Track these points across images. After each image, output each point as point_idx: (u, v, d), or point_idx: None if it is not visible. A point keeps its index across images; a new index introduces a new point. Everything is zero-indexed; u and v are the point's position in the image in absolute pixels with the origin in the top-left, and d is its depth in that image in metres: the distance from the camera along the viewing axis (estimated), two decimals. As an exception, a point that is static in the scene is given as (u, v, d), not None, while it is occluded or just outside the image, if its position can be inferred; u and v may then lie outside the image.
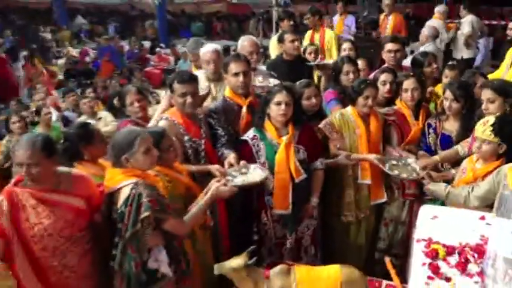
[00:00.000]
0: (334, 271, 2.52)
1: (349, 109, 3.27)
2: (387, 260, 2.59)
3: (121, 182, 2.33)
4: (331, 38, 5.79)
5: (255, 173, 2.74)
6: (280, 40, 4.58)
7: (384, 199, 3.31)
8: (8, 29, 12.97)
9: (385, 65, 4.10)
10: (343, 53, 4.30)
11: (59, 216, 2.28)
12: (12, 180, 2.35)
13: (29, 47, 11.80)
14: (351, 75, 3.65)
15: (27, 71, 9.94)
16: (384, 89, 3.45)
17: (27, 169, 2.18)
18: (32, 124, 5.41)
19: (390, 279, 2.56)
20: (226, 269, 2.49)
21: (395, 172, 3.00)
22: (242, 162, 2.82)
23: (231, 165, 2.83)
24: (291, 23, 5.62)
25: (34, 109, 6.02)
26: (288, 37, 4.45)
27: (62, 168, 2.41)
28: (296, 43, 4.47)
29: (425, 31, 5.69)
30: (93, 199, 2.44)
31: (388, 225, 3.45)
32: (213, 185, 2.52)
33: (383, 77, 3.50)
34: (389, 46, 4.08)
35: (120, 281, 2.38)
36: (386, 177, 3.27)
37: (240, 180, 2.66)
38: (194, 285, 2.77)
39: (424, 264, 1.94)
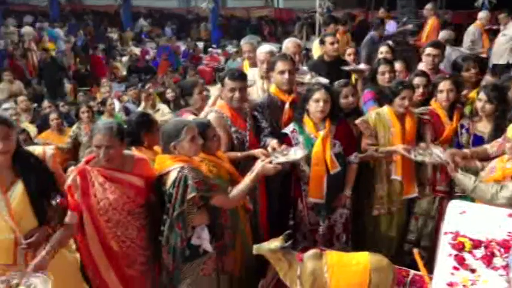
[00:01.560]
0: (363, 258, 2.49)
1: (385, 108, 3.22)
2: (415, 251, 2.55)
3: (169, 167, 2.42)
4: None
5: (296, 153, 2.74)
6: (322, 42, 4.56)
7: (415, 194, 3.24)
8: (82, 29, 13.56)
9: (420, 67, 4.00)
10: (380, 56, 4.22)
11: (122, 192, 2.39)
12: (83, 160, 2.50)
13: (97, 46, 12.34)
14: (387, 75, 3.60)
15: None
16: (417, 92, 3.37)
17: (105, 150, 2.31)
18: (98, 113, 5.68)
19: (418, 269, 2.52)
20: (264, 250, 2.52)
21: (419, 158, 2.92)
22: (283, 146, 2.83)
23: (274, 149, 2.85)
24: (337, 28, 5.60)
25: (100, 100, 6.31)
26: (329, 39, 4.44)
27: (126, 151, 2.52)
28: (336, 45, 4.45)
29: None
30: (150, 180, 2.53)
31: (418, 219, 3.37)
32: (259, 164, 2.55)
33: (416, 80, 3.43)
34: (429, 50, 3.97)
35: (166, 254, 2.47)
36: (418, 174, 3.20)
37: (282, 159, 2.67)
38: (235, 261, 2.84)
39: (450, 255, 1.90)
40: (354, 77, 4.51)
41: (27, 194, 2.19)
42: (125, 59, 12.63)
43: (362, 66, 4.32)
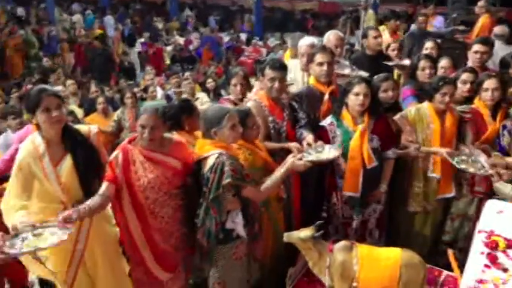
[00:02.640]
0: (394, 253, 2.49)
1: (425, 104, 3.17)
2: (450, 252, 2.53)
3: (208, 152, 2.49)
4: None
5: (329, 152, 2.75)
6: (364, 36, 4.52)
7: (452, 194, 3.18)
8: (128, 18, 13.98)
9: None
10: (425, 52, 4.13)
11: (160, 172, 2.50)
12: (126, 139, 2.63)
13: (144, 35, 12.69)
14: (427, 71, 3.54)
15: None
16: (463, 88, 3.29)
17: (149, 130, 2.43)
18: (141, 100, 5.90)
19: (451, 271, 2.49)
20: (294, 238, 2.57)
21: (463, 166, 2.87)
22: (319, 142, 2.84)
23: (309, 144, 2.88)
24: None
25: (143, 87, 6.54)
26: (372, 33, 4.39)
27: (166, 134, 2.63)
28: (379, 39, 4.39)
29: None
30: (188, 163, 2.62)
31: (455, 220, 3.31)
32: (289, 159, 2.59)
33: (464, 76, 3.33)
34: (476, 47, 3.85)
35: (201, 236, 2.56)
36: (457, 173, 3.13)
37: (314, 156, 2.69)
38: (265, 249, 2.90)
39: (482, 253, 1.88)
40: (396, 72, 4.45)
41: (74, 168, 2.38)
42: (169, 48, 12.93)
43: (405, 61, 4.24)
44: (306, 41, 3.78)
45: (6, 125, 4.21)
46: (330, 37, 3.95)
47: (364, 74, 3.53)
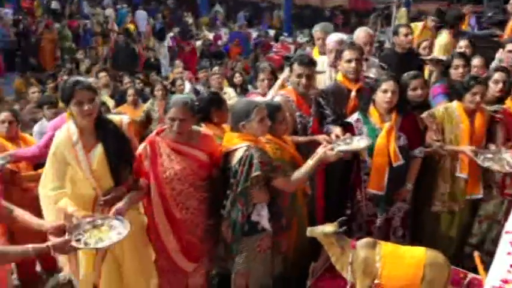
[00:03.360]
0: (418, 252, 2.47)
1: (454, 103, 3.12)
2: (476, 254, 2.48)
3: (236, 145, 2.53)
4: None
5: (359, 142, 2.74)
6: (395, 33, 4.46)
7: (480, 195, 3.11)
8: (159, 13, 14.21)
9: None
10: (459, 50, 4.05)
11: (187, 164, 2.55)
12: (154, 131, 2.70)
13: (174, 29, 12.86)
14: (460, 70, 3.47)
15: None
16: (495, 88, 3.22)
17: (178, 123, 2.48)
18: (170, 93, 6.00)
19: (477, 274, 2.45)
20: (318, 233, 2.57)
21: (487, 164, 2.81)
22: (347, 134, 2.83)
23: (337, 136, 2.87)
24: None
25: (171, 81, 6.66)
26: (402, 31, 4.32)
27: (194, 127, 2.68)
28: (409, 37, 4.32)
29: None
30: (214, 155, 2.67)
31: (482, 223, 3.24)
32: (321, 149, 2.58)
33: (496, 75, 3.25)
34: (510, 46, 3.75)
35: (226, 227, 2.61)
36: (485, 175, 3.07)
37: (345, 147, 2.68)
38: (289, 242, 2.93)
39: (509, 253, 1.85)
40: (427, 69, 4.38)
41: (105, 156, 2.45)
42: (198, 43, 13.08)
43: (441, 56, 4.17)
44: (334, 37, 3.77)
45: (42, 114, 4.38)
46: (360, 34, 3.92)
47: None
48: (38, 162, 3.31)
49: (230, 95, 5.74)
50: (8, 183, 3.20)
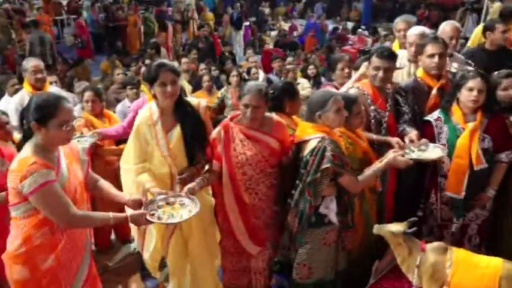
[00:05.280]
0: (495, 263, 2.32)
1: (552, 106, 2.84)
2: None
3: (310, 135, 2.52)
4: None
5: (433, 151, 2.63)
6: (490, 29, 4.12)
7: None
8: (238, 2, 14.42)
9: None
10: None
11: (258, 151, 2.59)
12: (229, 116, 2.76)
13: (250, 19, 13.00)
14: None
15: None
16: None
17: (252, 109, 2.52)
18: (244, 80, 6.10)
19: None
20: (385, 231, 2.51)
21: None
22: (423, 140, 2.72)
23: (412, 141, 2.76)
24: None
25: (246, 69, 6.76)
26: (500, 27, 3.99)
27: (266, 113, 2.69)
28: (506, 34, 3.99)
29: None
30: (285, 144, 2.68)
31: None
32: (390, 154, 2.52)
33: None
34: None
35: (293, 217, 2.62)
36: None
37: (416, 154, 2.59)
38: (354, 239, 2.87)
39: None
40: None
41: (182, 138, 2.56)
42: (273, 33, 13.12)
43: None
44: (416, 30, 3.58)
45: (125, 94, 4.67)
46: (446, 28, 3.69)
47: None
48: (120, 139, 3.56)
49: (303, 86, 5.72)
50: (93, 155, 3.48)
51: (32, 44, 9.25)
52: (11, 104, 3.81)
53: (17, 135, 3.02)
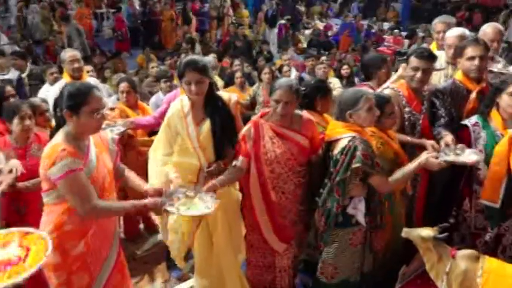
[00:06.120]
0: (530, 275, 2.23)
1: None
2: None
3: (340, 134, 2.49)
4: None
5: (468, 156, 2.55)
6: None
7: None
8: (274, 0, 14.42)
9: None
10: None
11: (288, 148, 2.58)
12: (258, 114, 2.76)
13: (285, 17, 12.97)
14: None
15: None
16: None
17: (283, 105, 2.51)
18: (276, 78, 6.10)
19: None
20: (414, 235, 2.45)
21: None
22: (459, 145, 2.63)
23: (447, 145, 2.68)
24: None
25: (278, 67, 6.76)
26: None
27: (296, 111, 2.68)
28: None
29: None
30: (315, 141, 2.67)
31: None
32: (424, 155, 2.46)
33: None
34: None
35: (320, 216, 2.60)
36: None
37: (451, 158, 2.52)
38: (382, 242, 2.83)
39: None
40: None
41: (211, 131, 2.59)
42: (307, 32, 13.03)
43: None
44: (455, 31, 3.47)
45: (159, 87, 4.76)
46: (488, 30, 3.55)
47: None
48: (151, 130, 3.63)
49: (335, 86, 5.66)
50: (125, 145, 3.57)
51: (69, 37, 9.56)
52: (51, 93, 3.95)
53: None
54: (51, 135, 2.15)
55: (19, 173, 2.47)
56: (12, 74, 5.33)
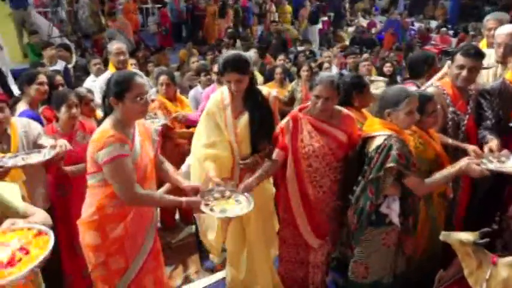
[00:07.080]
0: None
1: None
2: None
3: (377, 131, 2.44)
4: None
5: None
6: None
7: None
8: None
9: None
10: None
11: (326, 143, 2.56)
12: (297, 108, 2.75)
13: (328, 14, 12.80)
14: None
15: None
16: None
17: (323, 101, 2.50)
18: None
19: None
20: (453, 239, 2.36)
21: None
22: (504, 151, 2.52)
23: (491, 151, 2.57)
24: None
25: (318, 63, 6.69)
26: None
27: (336, 106, 2.64)
28: None
29: None
30: (353, 137, 2.63)
31: None
32: (465, 161, 2.37)
33: None
34: None
35: (353, 213, 2.56)
36: None
37: (494, 165, 2.40)
38: (417, 245, 2.76)
39: None
40: None
41: (249, 125, 2.60)
42: (350, 29, 12.82)
43: None
44: (506, 29, 3.29)
45: (198, 81, 4.84)
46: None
47: None
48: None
49: (378, 85, 5.53)
50: (164, 137, 3.66)
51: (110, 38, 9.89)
52: (97, 83, 4.12)
53: (99, 113, 3.25)
54: (99, 124, 2.25)
55: (68, 147, 2.58)
56: (60, 65, 5.59)
